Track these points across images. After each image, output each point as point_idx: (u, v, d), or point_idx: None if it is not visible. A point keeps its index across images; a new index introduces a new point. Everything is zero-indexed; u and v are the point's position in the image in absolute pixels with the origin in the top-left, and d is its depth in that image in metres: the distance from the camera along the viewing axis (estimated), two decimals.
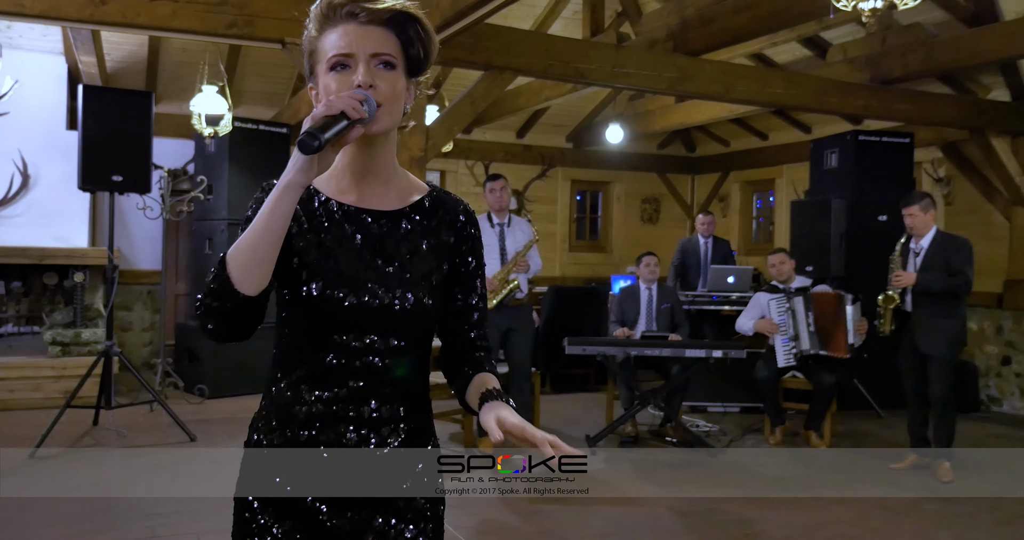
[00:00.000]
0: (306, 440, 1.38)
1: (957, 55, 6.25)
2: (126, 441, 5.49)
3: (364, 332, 1.37)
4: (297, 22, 4.97)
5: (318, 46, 1.38)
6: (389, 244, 1.41)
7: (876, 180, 7.09)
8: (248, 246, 1.26)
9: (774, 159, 9.85)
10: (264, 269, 1.27)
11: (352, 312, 1.36)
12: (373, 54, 1.33)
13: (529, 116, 9.63)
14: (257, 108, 8.36)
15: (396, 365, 1.39)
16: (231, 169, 7.26)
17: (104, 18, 4.17)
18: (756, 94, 6.30)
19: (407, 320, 1.39)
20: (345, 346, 1.37)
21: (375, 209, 1.42)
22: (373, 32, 1.33)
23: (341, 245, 1.39)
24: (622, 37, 6.52)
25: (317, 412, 1.37)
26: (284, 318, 1.42)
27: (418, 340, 1.43)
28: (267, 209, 1.26)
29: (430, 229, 1.45)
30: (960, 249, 5.02)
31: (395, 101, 1.35)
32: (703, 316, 7.37)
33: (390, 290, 1.37)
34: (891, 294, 5.10)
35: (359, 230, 1.40)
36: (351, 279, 1.36)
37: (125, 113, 5.70)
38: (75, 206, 7.45)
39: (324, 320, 1.36)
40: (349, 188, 1.42)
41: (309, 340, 1.38)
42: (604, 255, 10.75)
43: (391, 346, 1.38)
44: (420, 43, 1.37)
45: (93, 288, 7.51)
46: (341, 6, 1.34)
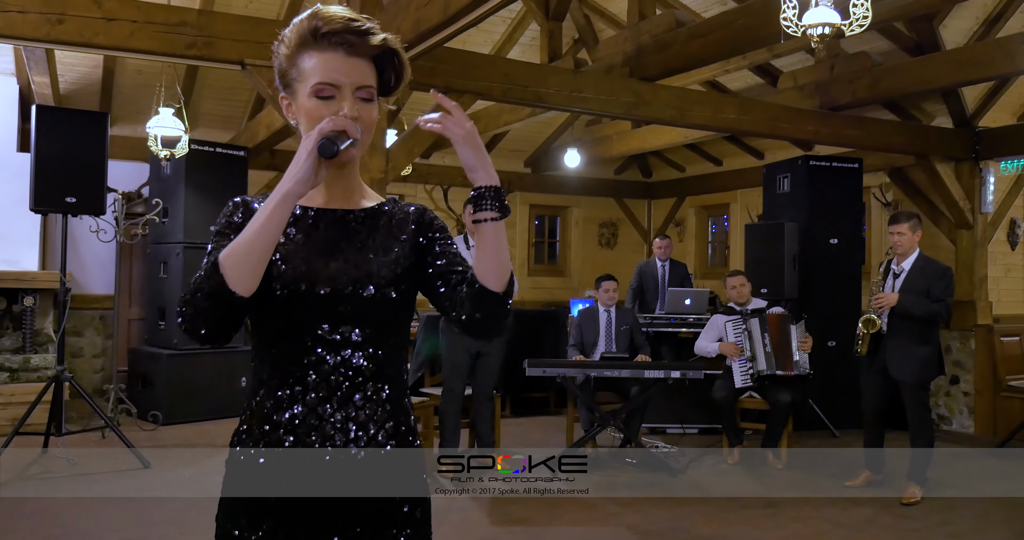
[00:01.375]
0: (290, 444, 1.39)
1: (902, 83, 6.45)
2: (77, 469, 5.35)
3: (340, 323, 1.40)
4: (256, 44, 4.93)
5: (299, 64, 1.42)
6: (356, 237, 1.46)
7: (827, 204, 7.26)
8: (244, 249, 1.30)
9: (728, 184, 10.04)
10: (257, 271, 1.31)
11: (326, 302, 1.39)
12: (358, 87, 1.40)
13: (488, 141, 9.69)
14: (214, 131, 8.31)
15: (373, 356, 1.41)
16: (187, 192, 7.19)
17: (61, 37, 4.13)
18: (710, 119, 6.43)
19: (383, 306, 1.42)
20: (322, 340, 1.39)
21: (339, 208, 1.48)
22: (358, 65, 1.40)
23: (309, 240, 1.43)
24: (579, 63, 6.63)
25: (299, 413, 1.39)
26: (258, 324, 1.43)
27: (392, 330, 1.45)
28: (264, 215, 1.30)
29: (393, 224, 1.50)
30: (942, 276, 4.98)
31: (371, 131, 1.43)
32: (661, 338, 7.45)
33: (361, 278, 1.41)
34: (873, 318, 5.02)
35: (325, 225, 1.46)
36: (322, 271, 1.40)
37: (79, 134, 5.63)
38: (25, 229, 7.30)
39: (296, 314, 1.39)
40: (315, 194, 1.47)
41: (285, 340, 1.40)
42: (563, 279, 10.81)
43: (369, 335, 1.41)
44: (394, 72, 1.46)
45: (43, 312, 7.35)
46: (333, 34, 1.38)
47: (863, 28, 3.53)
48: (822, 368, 6.36)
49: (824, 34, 3.56)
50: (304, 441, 1.39)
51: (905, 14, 5.82)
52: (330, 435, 1.39)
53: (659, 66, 5.90)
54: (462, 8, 3.78)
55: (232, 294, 1.29)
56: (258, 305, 1.39)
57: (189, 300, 1.31)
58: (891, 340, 5.02)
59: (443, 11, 3.88)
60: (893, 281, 5.07)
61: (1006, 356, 7.24)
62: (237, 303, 1.30)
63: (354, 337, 1.41)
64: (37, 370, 6.80)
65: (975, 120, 7.47)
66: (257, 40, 4.57)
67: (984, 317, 7.45)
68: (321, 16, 1.38)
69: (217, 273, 1.29)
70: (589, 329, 6.28)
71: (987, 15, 6.64)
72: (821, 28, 3.57)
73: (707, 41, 5.44)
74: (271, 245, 1.31)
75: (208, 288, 1.30)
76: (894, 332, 5.00)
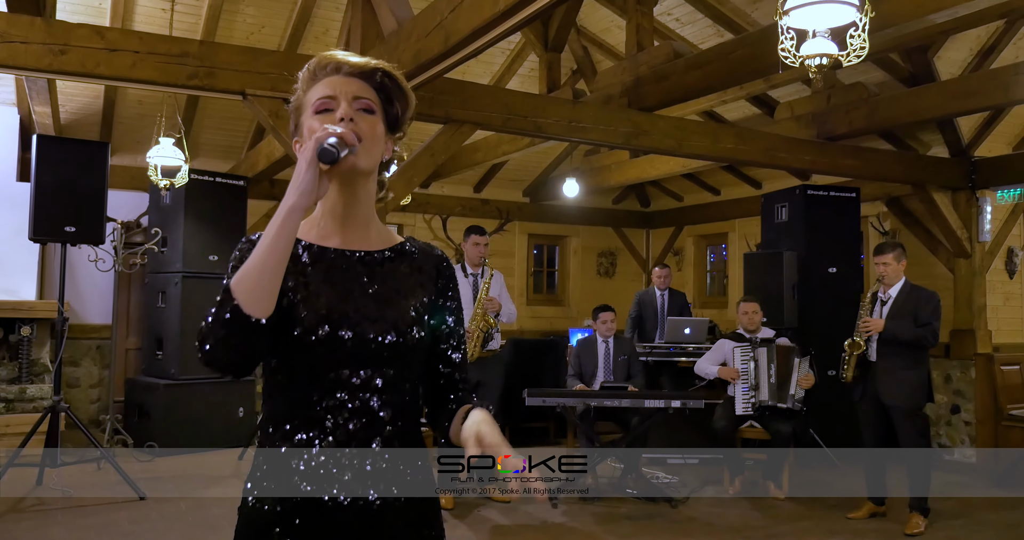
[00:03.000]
0: (308, 493, 1.36)
1: (898, 113, 6.50)
2: (72, 500, 5.29)
3: (360, 367, 1.39)
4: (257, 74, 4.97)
5: (304, 101, 1.46)
6: (377, 279, 1.45)
7: (825, 233, 7.28)
8: (255, 271, 1.28)
9: (726, 213, 10.06)
10: (270, 291, 1.29)
11: (348, 346, 1.37)
12: (354, 97, 1.42)
13: (487, 171, 9.74)
14: (214, 160, 8.34)
15: (392, 401, 1.40)
16: (186, 221, 7.20)
17: (64, 68, 4.15)
18: (708, 149, 6.46)
19: (404, 352, 1.42)
20: (341, 384, 1.38)
21: (359, 249, 1.47)
22: (354, 81, 1.44)
23: (329, 282, 1.42)
24: (578, 94, 6.68)
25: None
26: (275, 366, 1.41)
27: (411, 374, 1.46)
28: (271, 234, 1.28)
29: (413, 268, 1.51)
30: (928, 301, 5.11)
31: (374, 141, 1.42)
32: (660, 367, 7.42)
33: (383, 322, 1.40)
34: (857, 340, 5.14)
35: (345, 268, 1.44)
36: (343, 314, 1.39)
37: (80, 164, 5.65)
38: (23, 258, 7.30)
39: (317, 357, 1.37)
40: (331, 233, 1.47)
41: (303, 384, 1.38)
42: (562, 308, 10.80)
43: (389, 380, 1.40)
44: (398, 101, 1.48)
45: (40, 342, 7.31)
46: (326, 65, 1.44)
47: (860, 59, 3.55)
48: (822, 397, 6.32)
49: (822, 65, 3.58)
50: (322, 487, 1.36)
51: (900, 45, 5.87)
52: (347, 482, 1.37)
53: (657, 96, 5.94)
54: (462, 40, 3.81)
55: (248, 318, 1.26)
56: (276, 347, 1.37)
57: (206, 330, 1.28)
58: (881, 367, 5.10)
59: (443, 42, 3.91)
60: (880, 308, 5.19)
61: (1007, 385, 7.21)
62: (254, 328, 1.27)
63: (375, 382, 1.40)
64: (33, 400, 6.75)
65: (971, 150, 7.51)
66: (258, 70, 4.61)
67: (984, 346, 7.43)
68: (319, 57, 1.47)
69: (230, 299, 1.27)
70: (588, 359, 6.26)
71: (981, 47, 6.71)
72: (819, 59, 3.60)
73: (705, 72, 5.48)
74: (282, 263, 1.29)
75: (226, 315, 1.27)
76: (883, 358, 5.09)
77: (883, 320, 5.06)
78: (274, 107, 4.62)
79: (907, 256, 5.19)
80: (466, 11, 3.69)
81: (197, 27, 6.67)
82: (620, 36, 7.14)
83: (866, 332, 5.11)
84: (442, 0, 3.94)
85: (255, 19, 6.86)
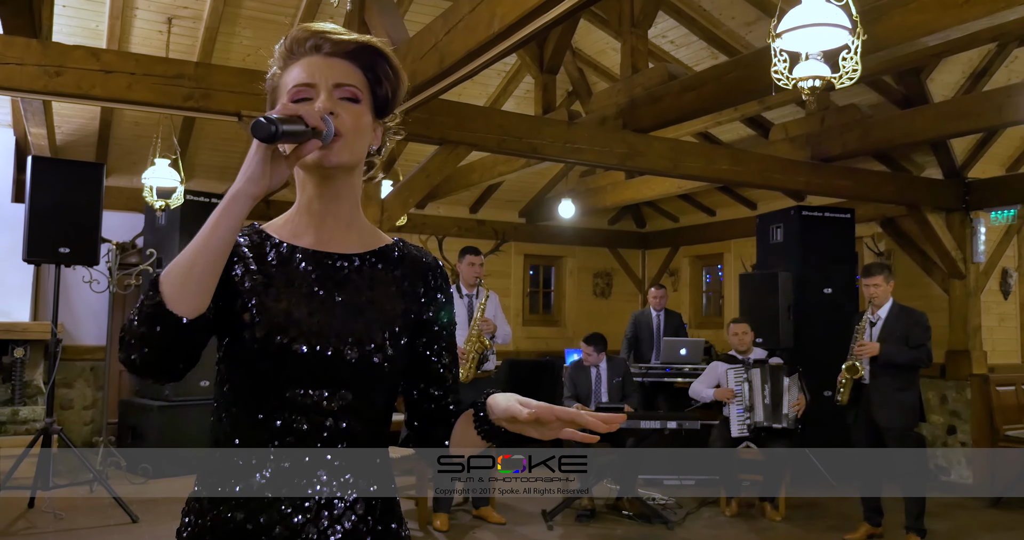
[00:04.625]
0: (240, 522, 1.18)
1: (891, 134, 6.53)
2: (63, 524, 5.24)
3: (315, 386, 1.21)
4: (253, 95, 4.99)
5: (280, 83, 1.29)
6: (349, 288, 1.27)
7: (820, 254, 7.29)
8: (186, 261, 1.11)
9: (722, 234, 10.08)
10: (201, 287, 1.11)
11: (303, 362, 1.20)
12: (336, 84, 1.24)
13: (482, 191, 9.76)
14: (210, 181, 8.34)
15: (350, 429, 1.22)
16: (182, 242, 7.16)
17: (59, 89, 4.16)
18: (703, 170, 6.49)
19: (367, 373, 1.23)
20: (292, 403, 1.20)
21: (334, 251, 1.29)
22: (337, 63, 1.26)
23: (293, 286, 1.24)
24: (573, 115, 6.71)
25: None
26: (223, 375, 1.25)
27: (378, 398, 1.27)
28: (210, 221, 1.12)
29: (396, 276, 1.32)
30: (918, 322, 5.13)
31: (357, 135, 1.25)
32: (657, 388, 7.40)
33: (348, 337, 1.22)
34: (856, 364, 5.14)
35: (315, 271, 1.26)
36: (303, 324, 1.21)
37: (75, 184, 5.65)
38: (17, 279, 7.28)
39: (269, 372, 1.20)
40: (305, 231, 1.29)
41: (250, 399, 1.21)
42: (557, 329, 10.78)
43: (347, 403, 1.22)
44: (387, 81, 1.30)
45: (33, 364, 7.28)
46: (305, 40, 1.26)
47: (853, 81, 3.57)
48: (819, 418, 6.30)
49: (815, 87, 3.60)
50: (257, 521, 1.18)
51: (893, 68, 5.92)
52: (287, 519, 1.18)
53: (652, 118, 5.97)
54: (457, 61, 3.83)
55: (170, 315, 1.09)
56: (225, 354, 1.23)
57: (126, 326, 1.11)
58: (874, 388, 5.12)
59: (439, 64, 3.93)
60: (870, 329, 5.20)
61: (1002, 406, 7.20)
62: (179, 327, 1.09)
63: (333, 403, 1.21)
64: (26, 422, 6.71)
65: (964, 171, 7.55)
66: (254, 92, 4.59)
67: (979, 367, 7.43)
68: (298, 29, 1.28)
69: (156, 292, 1.10)
70: (582, 381, 6.25)
71: (973, 69, 6.77)
72: (811, 81, 3.63)
73: (699, 93, 5.51)
74: (218, 257, 1.12)
75: (146, 308, 1.09)
76: (876, 380, 5.10)
77: (878, 344, 5.07)
78: None
79: (899, 277, 5.24)
80: (461, 33, 3.71)
81: (194, 49, 6.70)
82: (615, 58, 7.19)
83: (861, 355, 5.12)
84: (437, 22, 3.97)
85: (251, 41, 6.89)
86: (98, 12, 6.31)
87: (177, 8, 6.39)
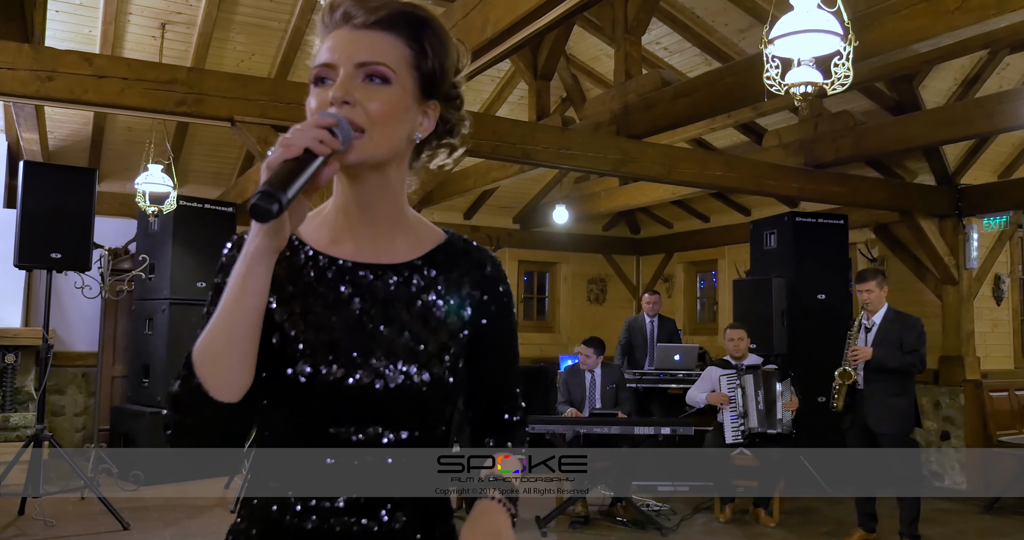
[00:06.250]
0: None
1: (884, 141, 6.55)
2: (54, 531, 5.20)
3: (367, 422, 1.08)
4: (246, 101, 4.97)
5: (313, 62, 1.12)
6: (397, 307, 1.12)
7: (814, 260, 7.30)
8: (220, 339, 0.99)
9: (716, 240, 10.10)
10: (244, 366, 1.01)
11: (351, 397, 1.07)
12: (359, 64, 1.06)
13: (476, 197, 9.76)
14: (203, 187, 8.33)
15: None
16: (174, 248, 7.17)
17: (51, 94, 4.15)
18: (697, 176, 6.49)
19: (422, 404, 1.10)
20: (343, 441, 1.07)
21: (377, 262, 1.13)
22: (364, 37, 1.07)
23: (335, 312, 1.10)
24: (567, 121, 6.72)
25: (312, 527, 1.08)
26: (262, 408, 1.13)
27: (436, 429, 1.14)
28: (235, 288, 0.99)
29: (449, 286, 1.17)
30: (912, 327, 5.13)
31: (386, 124, 1.06)
32: (651, 394, 7.39)
33: (400, 367, 1.09)
34: (849, 370, 5.14)
35: (357, 291, 1.11)
36: (349, 355, 1.08)
37: (67, 190, 5.63)
38: (8, 285, 7.25)
39: (315, 409, 1.08)
40: (343, 236, 1.13)
41: (296, 436, 1.10)
42: (552, 335, 10.77)
43: (402, 439, 1.09)
44: (433, 51, 1.11)
45: (25, 370, 7.24)
46: (335, 9, 1.09)
47: (845, 87, 3.58)
48: (813, 424, 6.30)
49: (807, 93, 3.61)
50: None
51: (886, 74, 5.94)
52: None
53: (646, 124, 5.97)
54: None
55: (213, 402, 0.99)
56: (266, 390, 1.10)
57: (168, 414, 1.04)
58: (868, 394, 5.12)
59: None
60: (865, 335, 5.20)
61: (996, 411, 7.21)
62: (226, 410, 1.00)
63: (387, 438, 1.09)
64: (16, 429, 6.67)
65: (957, 177, 7.58)
66: (247, 97, 4.61)
67: (972, 372, 7.44)
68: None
69: (193, 376, 1.00)
70: (576, 387, 6.24)
71: (965, 76, 6.80)
72: (804, 87, 3.63)
73: (693, 100, 5.52)
74: (254, 326, 1.00)
75: (185, 397, 1.00)
76: (870, 385, 5.10)
77: (871, 348, 5.08)
78: (263, 134, 4.62)
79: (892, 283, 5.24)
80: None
81: (187, 55, 6.69)
82: (609, 64, 7.20)
83: (854, 360, 5.12)
84: None
85: (245, 47, 6.88)
86: (91, 17, 6.30)
87: (171, 14, 6.38)
